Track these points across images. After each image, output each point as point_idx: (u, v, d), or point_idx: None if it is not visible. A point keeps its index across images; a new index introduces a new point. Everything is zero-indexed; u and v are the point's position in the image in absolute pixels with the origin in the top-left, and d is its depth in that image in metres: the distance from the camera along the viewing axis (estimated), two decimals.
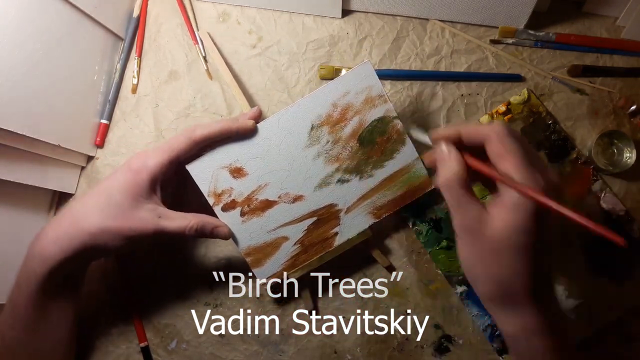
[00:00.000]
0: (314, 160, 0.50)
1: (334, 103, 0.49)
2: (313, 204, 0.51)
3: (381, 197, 0.52)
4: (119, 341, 0.57)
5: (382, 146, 0.51)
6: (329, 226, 0.52)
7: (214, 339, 0.57)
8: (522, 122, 0.57)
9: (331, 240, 0.52)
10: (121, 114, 0.60)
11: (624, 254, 0.54)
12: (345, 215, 0.51)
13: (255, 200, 0.50)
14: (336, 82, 0.49)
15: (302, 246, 0.52)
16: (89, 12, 0.55)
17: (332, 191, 0.51)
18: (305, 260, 0.52)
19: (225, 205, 0.50)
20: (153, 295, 0.57)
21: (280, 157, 0.50)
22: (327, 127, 0.50)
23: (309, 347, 0.56)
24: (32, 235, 0.56)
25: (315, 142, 0.50)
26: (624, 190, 0.56)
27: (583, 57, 0.58)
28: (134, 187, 0.44)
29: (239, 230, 0.50)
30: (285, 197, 0.50)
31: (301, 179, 0.50)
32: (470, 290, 0.55)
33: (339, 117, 0.50)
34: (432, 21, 0.59)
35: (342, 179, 0.51)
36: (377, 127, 0.50)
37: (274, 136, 0.49)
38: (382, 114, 0.50)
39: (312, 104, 0.49)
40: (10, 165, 0.49)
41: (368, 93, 0.49)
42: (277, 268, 0.52)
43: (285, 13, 0.60)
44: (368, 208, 0.52)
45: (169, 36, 0.61)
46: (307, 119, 0.49)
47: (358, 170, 0.51)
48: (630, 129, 0.57)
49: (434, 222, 0.56)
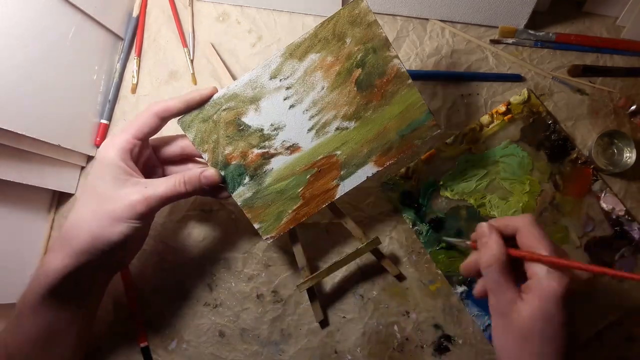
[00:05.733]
0: (309, 109, 0.47)
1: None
2: (311, 154, 0.48)
3: (383, 144, 0.48)
4: (119, 341, 0.57)
5: (381, 89, 0.47)
6: (330, 177, 0.49)
7: (214, 339, 0.57)
8: (522, 122, 0.57)
9: (333, 191, 0.49)
10: (121, 113, 0.60)
11: (624, 254, 0.55)
12: (346, 164, 0.48)
13: (251, 153, 0.48)
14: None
15: (303, 199, 0.49)
16: (89, 12, 0.55)
17: (331, 140, 0.48)
18: (307, 214, 0.49)
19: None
20: (153, 296, 0.57)
21: (273, 106, 0.47)
22: (320, 72, 0.46)
23: (309, 347, 0.56)
24: (32, 235, 0.57)
25: (310, 89, 0.47)
26: (624, 190, 0.56)
27: (583, 57, 0.58)
28: (109, 171, 0.43)
29: (236, 185, 0.48)
30: (281, 149, 0.48)
31: (297, 128, 0.47)
32: (470, 290, 0.55)
33: (333, 59, 0.46)
34: (432, 21, 0.59)
35: (341, 126, 0.47)
36: (375, 68, 0.46)
37: (265, 86, 0.47)
38: (378, 50, 0.46)
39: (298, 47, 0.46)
40: (10, 165, 0.49)
41: (362, 27, 0.46)
42: (279, 223, 0.49)
43: (285, 13, 0.60)
44: (370, 156, 0.48)
45: (168, 36, 0.61)
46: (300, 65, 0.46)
47: (357, 116, 0.47)
48: (630, 128, 0.57)
49: (434, 222, 0.56)
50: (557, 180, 0.56)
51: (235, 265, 0.57)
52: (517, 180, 0.56)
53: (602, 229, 0.55)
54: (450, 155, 0.57)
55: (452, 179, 0.56)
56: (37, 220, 0.57)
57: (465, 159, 0.56)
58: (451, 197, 0.56)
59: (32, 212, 0.56)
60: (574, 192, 0.56)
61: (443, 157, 0.57)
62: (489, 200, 0.56)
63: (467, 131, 0.57)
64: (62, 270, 0.43)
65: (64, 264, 0.43)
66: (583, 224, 0.55)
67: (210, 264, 0.57)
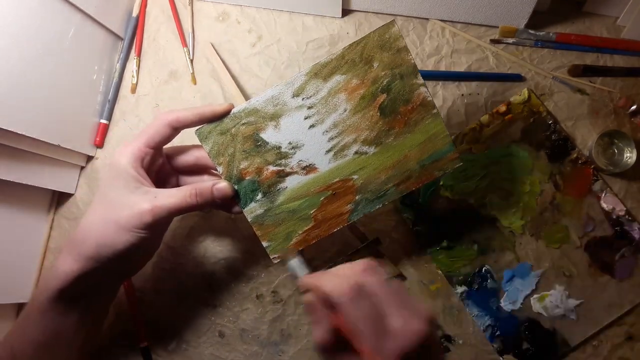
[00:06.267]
0: (329, 130, 0.46)
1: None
2: (328, 176, 0.47)
3: (402, 172, 0.47)
4: (119, 341, 0.57)
5: (405, 116, 0.46)
6: (344, 201, 0.47)
7: (214, 340, 0.57)
8: (522, 122, 0.57)
9: (345, 215, 0.48)
10: (121, 113, 0.60)
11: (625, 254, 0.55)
12: (361, 190, 0.47)
13: (266, 170, 0.47)
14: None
15: (315, 221, 0.48)
16: (88, 12, 0.55)
17: (349, 164, 0.47)
18: (317, 236, 0.48)
19: None
20: (153, 296, 0.57)
21: (293, 125, 0.46)
22: (344, 94, 0.45)
23: (309, 347, 0.56)
24: (32, 235, 0.57)
25: (332, 110, 0.46)
26: (624, 190, 0.56)
27: (583, 56, 0.58)
28: (120, 179, 0.43)
29: (248, 200, 0.47)
30: (297, 168, 0.47)
31: (315, 149, 0.46)
32: (470, 290, 0.55)
33: (358, 82, 0.45)
34: (432, 21, 0.59)
35: (360, 150, 0.46)
36: (401, 95, 0.45)
37: (286, 104, 0.46)
38: (406, 76, 0.45)
39: (326, 68, 0.45)
40: (10, 165, 0.49)
41: (391, 53, 0.45)
42: (288, 243, 0.48)
43: (285, 12, 0.60)
44: (387, 183, 0.47)
45: (168, 36, 0.61)
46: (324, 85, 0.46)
47: (378, 142, 0.46)
48: (630, 128, 0.56)
49: (434, 222, 0.56)
50: (557, 180, 0.56)
51: (235, 266, 0.57)
52: (517, 180, 0.56)
53: (603, 229, 0.55)
54: None
55: (452, 179, 0.56)
56: (37, 220, 0.57)
57: (465, 158, 0.56)
58: (451, 197, 0.56)
59: (32, 212, 0.56)
60: (574, 192, 0.56)
61: None
62: (489, 200, 0.56)
63: (467, 131, 0.57)
64: (70, 274, 0.42)
65: (72, 268, 0.42)
66: (583, 224, 0.55)
67: (210, 264, 0.57)
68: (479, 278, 0.55)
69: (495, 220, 0.56)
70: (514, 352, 0.54)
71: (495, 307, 0.55)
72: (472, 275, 0.55)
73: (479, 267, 0.55)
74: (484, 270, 0.55)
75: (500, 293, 0.55)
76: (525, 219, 0.56)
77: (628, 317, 0.54)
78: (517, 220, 0.56)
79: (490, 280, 0.55)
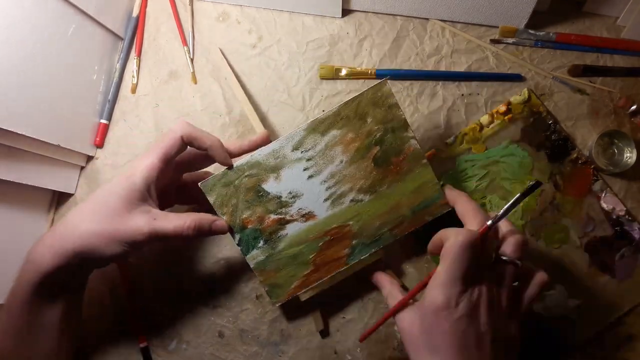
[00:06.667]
0: (326, 180, 0.49)
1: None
2: (326, 223, 0.50)
3: (396, 218, 0.50)
4: (119, 341, 0.57)
5: (397, 166, 0.49)
6: (341, 246, 0.50)
7: (214, 340, 0.57)
8: (522, 122, 0.57)
9: (343, 259, 0.51)
10: (121, 113, 0.60)
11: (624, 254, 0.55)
12: (358, 235, 0.50)
13: (267, 218, 0.49)
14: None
15: (314, 265, 0.51)
16: (88, 12, 0.55)
17: (346, 211, 0.50)
18: (317, 280, 0.51)
19: None
20: (153, 296, 0.57)
21: (293, 175, 0.49)
22: (340, 147, 0.48)
23: (309, 347, 0.56)
24: (32, 235, 0.56)
25: (329, 162, 0.49)
26: (624, 190, 0.56)
27: (583, 56, 0.58)
28: (127, 192, 0.44)
29: (250, 248, 0.50)
30: (297, 216, 0.50)
31: (313, 197, 0.49)
32: None
33: (353, 136, 0.48)
34: (432, 21, 0.59)
35: (356, 198, 0.50)
36: (393, 147, 0.49)
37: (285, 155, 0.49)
38: (397, 130, 0.49)
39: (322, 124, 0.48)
40: (10, 165, 0.49)
41: (384, 109, 0.48)
42: (289, 287, 0.51)
43: (285, 13, 0.60)
44: (382, 228, 0.50)
45: (168, 36, 0.61)
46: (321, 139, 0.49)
47: (372, 190, 0.50)
48: (630, 128, 0.56)
49: (434, 222, 0.56)
50: (557, 180, 0.56)
51: (234, 266, 0.57)
52: (517, 180, 0.56)
53: (603, 229, 0.55)
54: (450, 155, 0.57)
55: (452, 179, 0.56)
56: (37, 220, 0.57)
57: (465, 159, 0.56)
58: None
59: (32, 212, 0.56)
60: (574, 192, 0.56)
61: (443, 157, 0.57)
62: (489, 200, 0.56)
63: (467, 131, 0.57)
64: (52, 266, 0.42)
65: (54, 261, 0.42)
66: (583, 224, 0.55)
67: (210, 264, 0.57)
68: None
69: None
70: None
71: None
72: None
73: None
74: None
75: None
76: (525, 219, 0.56)
77: (628, 317, 0.54)
78: (517, 220, 0.56)
79: None
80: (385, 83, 0.47)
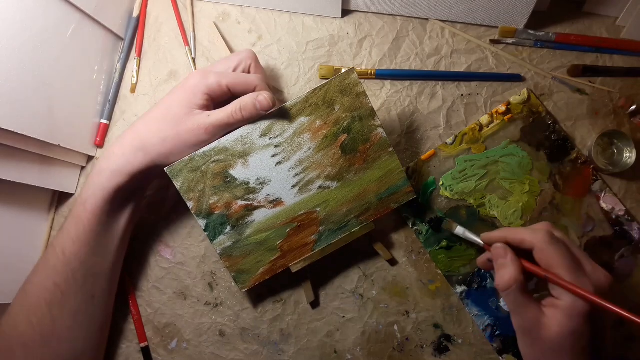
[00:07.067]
0: (295, 167, 0.50)
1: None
2: (293, 209, 0.50)
3: (362, 205, 0.51)
4: (119, 341, 0.57)
5: (364, 154, 0.50)
6: (309, 232, 0.51)
7: (214, 339, 0.57)
8: (522, 122, 0.57)
9: (309, 246, 0.51)
10: (121, 113, 0.60)
11: (624, 254, 0.55)
12: (325, 221, 0.51)
13: (234, 204, 0.49)
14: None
15: (281, 251, 0.51)
16: (89, 12, 0.55)
17: (313, 197, 0.50)
18: (283, 266, 0.51)
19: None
20: (153, 295, 0.57)
21: (261, 162, 0.49)
22: (309, 134, 0.49)
23: (309, 347, 0.56)
24: (33, 235, 0.57)
25: (297, 148, 0.49)
26: (624, 190, 0.56)
27: (583, 57, 0.58)
28: (189, 101, 0.47)
29: (217, 233, 0.50)
30: (265, 202, 0.50)
31: (281, 184, 0.50)
32: (470, 289, 0.55)
33: (321, 123, 0.49)
34: (432, 21, 0.59)
35: (323, 185, 0.50)
36: (360, 135, 0.49)
37: (254, 141, 0.49)
38: (364, 118, 0.49)
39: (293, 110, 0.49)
40: (10, 165, 0.49)
41: (351, 97, 0.49)
42: (255, 273, 0.51)
43: (285, 13, 0.60)
44: (348, 215, 0.51)
45: (168, 36, 0.61)
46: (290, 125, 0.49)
47: (339, 178, 0.50)
48: (630, 128, 0.57)
49: (434, 222, 0.56)
50: (557, 180, 0.56)
51: None
52: (517, 180, 0.56)
53: (602, 229, 0.55)
54: (450, 155, 0.57)
55: (452, 179, 0.56)
56: (37, 220, 0.57)
57: (465, 159, 0.56)
58: (451, 197, 0.56)
59: (32, 212, 0.56)
60: (573, 192, 0.56)
61: (443, 157, 0.57)
62: (488, 200, 0.56)
63: (467, 131, 0.57)
64: (137, 168, 0.47)
65: (140, 164, 0.47)
66: (583, 224, 0.55)
67: (210, 264, 0.57)
68: (479, 278, 0.55)
69: (495, 220, 0.56)
70: (514, 352, 0.54)
71: (495, 307, 0.55)
72: (471, 275, 0.55)
73: (479, 267, 0.55)
74: (484, 270, 0.55)
75: None
76: (525, 219, 0.56)
77: None
78: (517, 220, 0.56)
79: (489, 280, 0.55)
80: (352, 71, 0.48)
